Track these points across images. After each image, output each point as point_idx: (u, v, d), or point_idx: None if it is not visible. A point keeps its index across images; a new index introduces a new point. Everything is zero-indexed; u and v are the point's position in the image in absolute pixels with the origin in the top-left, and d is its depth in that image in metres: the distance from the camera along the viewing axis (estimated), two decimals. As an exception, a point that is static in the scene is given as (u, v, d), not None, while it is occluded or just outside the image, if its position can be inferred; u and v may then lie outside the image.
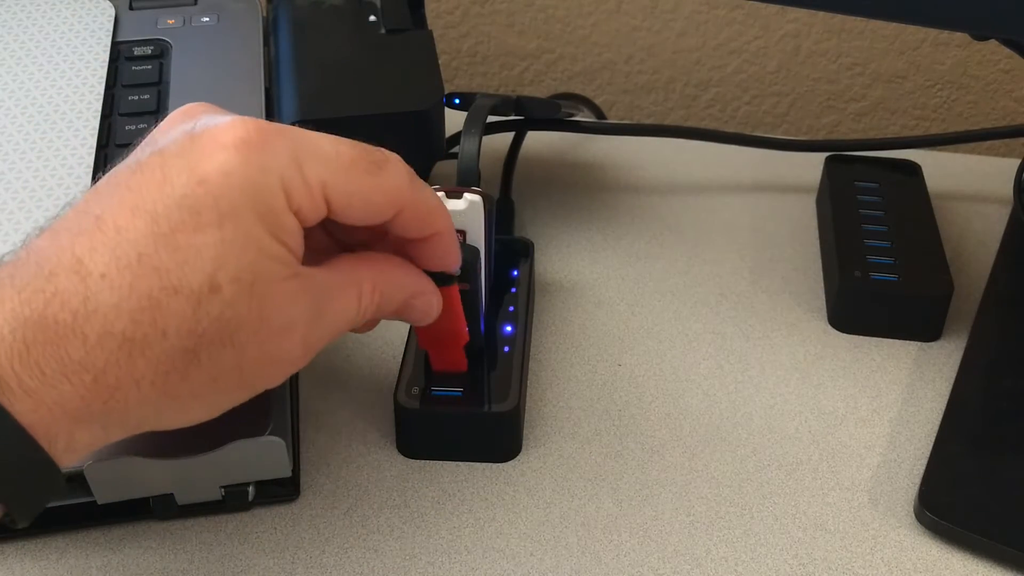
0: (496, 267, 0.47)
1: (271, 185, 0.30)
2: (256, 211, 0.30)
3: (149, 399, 0.30)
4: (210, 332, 0.29)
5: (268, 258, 0.30)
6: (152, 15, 0.55)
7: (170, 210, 0.29)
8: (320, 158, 0.31)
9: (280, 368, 0.32)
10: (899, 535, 0.40)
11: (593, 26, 0.78)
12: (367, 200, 0.33)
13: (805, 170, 0.59)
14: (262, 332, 0.31)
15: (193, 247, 0.29)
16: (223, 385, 0.31)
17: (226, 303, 0.29)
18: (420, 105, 0.49)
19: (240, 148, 0.30)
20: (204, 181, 0.29)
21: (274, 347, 0.31)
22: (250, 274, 0.30)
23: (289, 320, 0.31)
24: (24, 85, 0.49)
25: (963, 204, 0.57)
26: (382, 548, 0.39)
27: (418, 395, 0.42)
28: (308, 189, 0.31)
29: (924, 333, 0.49)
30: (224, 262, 0.29)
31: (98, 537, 0.39)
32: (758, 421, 0.45)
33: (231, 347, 0.30)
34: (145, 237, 0.29)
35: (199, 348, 0.30)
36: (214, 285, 0.29)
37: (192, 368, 0.30)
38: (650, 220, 0.56)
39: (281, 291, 0.31)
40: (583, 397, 0.45)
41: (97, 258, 0.29)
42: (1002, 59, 0.75)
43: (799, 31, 0.76)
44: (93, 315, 0.28)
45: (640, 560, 0.39)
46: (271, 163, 0.30)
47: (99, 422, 0.30)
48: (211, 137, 0.30)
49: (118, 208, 0.29)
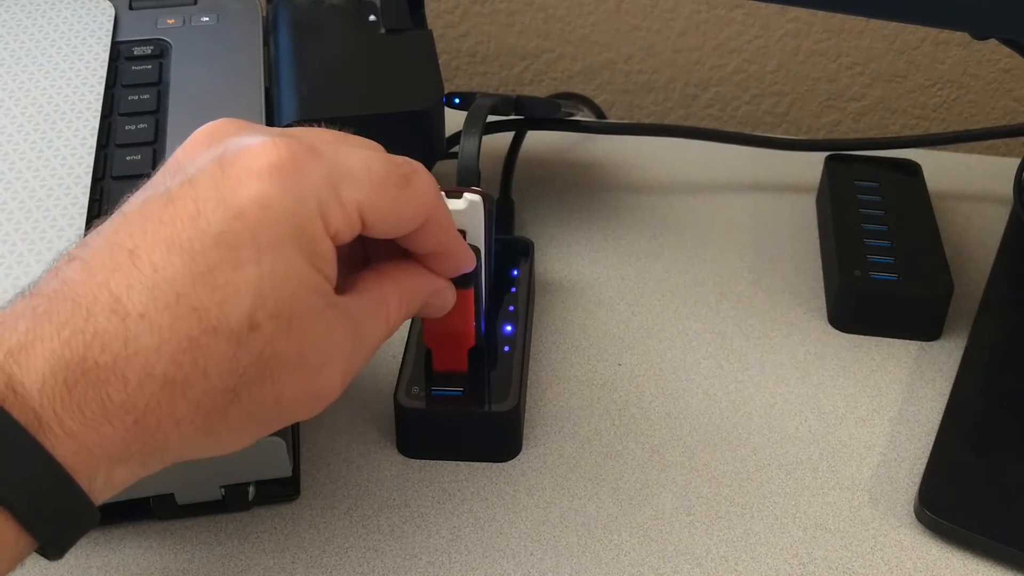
0: (496, 267, 0.47)
1: (309, 213, 0.30)
2: (295, 242, 0.29)
3: (188, 437, 0.29)
4: (251, 371, 0.29)
5: (306, 290, 0.30)
6: (152, 15, 0.55)
7: (207, 247, 0.29)
8: (353, 178, 0.31)
9: (318, 401, 0.32)
10: (899, 534, 0.40)
11: (593, 25, 0.78)
12: (399, 215, 0.32)
13: (805, 170, 0.59)
14: (300, 368, 0.30)
15: (232, 285, 0.28)
16: (261, 420, 0.31)
17: (266, 341, 0.29)
18: (420, 105, 0.49)
19: (275, 175, 0.29)
20: (241, 215, 0.29)
21: (312, 382, 0.31)
22: (288, 308, 0.29)
23: (327, 355, 0.31)
24: (24, 85, 0.49)
25: (963, 204, 0.57)
26: (382, 548, 0.39)
27: (418, 395, 0.42)
28: (344, 211, 0.31)
29: (924, 332, 0.49)
30: (263, 299, 0.29)
31: (98, 537, 0.39)
32: (758, 420, 0.45)
33: (271, 384, 0.30)
34: (183, 276, 0.28)
35: (239, 387, 0.29)
36: (254, 323, 0.29)
37: (232, 406, 0.29)
38: (650, 220, 0.56)
39: (319, 324, 0.30)
40: (583, 397, 0.45)
41: (135, 297, 0.28)
42: (1002, 58, 0.75)
43: (799, 30, 0.76)
44: (134, 357, 0.28)
45: (640, 560, 0.39)
46: (307, 189, 0.30)
47: (138, 459, 0.29)
48: (244, 165, 0.29)
49: (152, 243, 0.29)
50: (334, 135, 0.33)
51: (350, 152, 0.32)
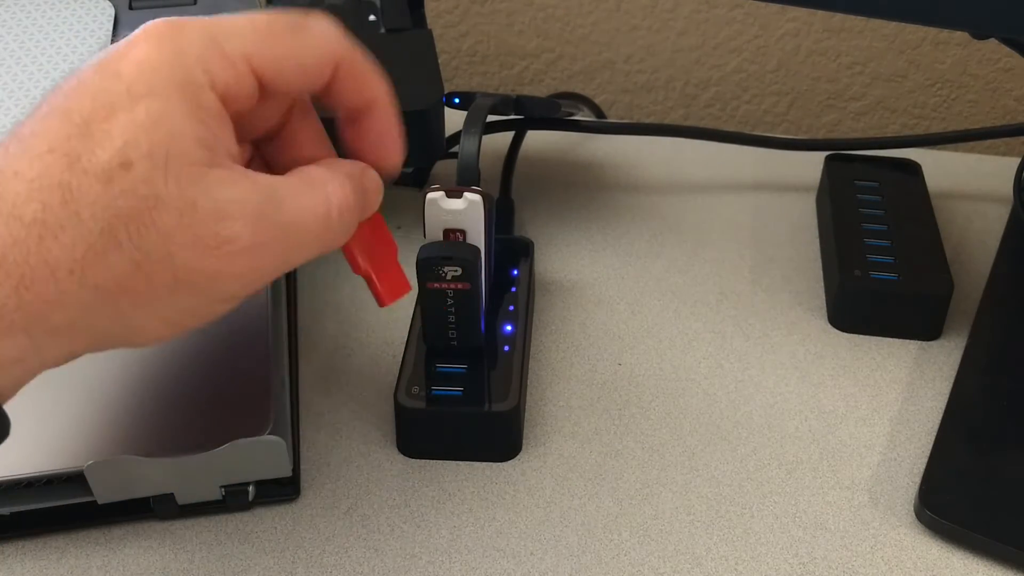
0: (496, 266, 0.47)
1: (188, 64, 0.29)
2: (173, 90, 0.29)
3: (72, 294, 0.28)
4: (125, 209, 0.28)
5: (186, 137, 0.29)
6: (152, 15, 0.54)
7: (83, 104, 0.29)
8: (235, 30, 0.31)
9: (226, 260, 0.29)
10: (899, 534, 0.40)
11: (593, 25, 0.78)
12: (298, 61, 0.32)
13: (805, 169, 0.59)
14: (187, 214, 0.28)
15: (104, 132, 0.28)
16: (157, 281, 0.29)
17: (139, 179, 0.28)
18: (420, 104, 0.49)
19: (152, 39, 0.29)
20: (118, 73, 0.29)
21: (208, 234, 0.29)
22: (164, 150, 0.28)
23: (222, 205, 0.29)
24: (24, 85, 0.49)
25: (963, 203, 0.57)
26: (382, 547, 0.39)
27: (418, 395, 0.42)
28: (231, 63, 0.30)
29: (924, 332, 0.49)
30: (135, 139, 0.28)
31: (98, 537, 0.39)
32: (758, 420, 0.45)
33: (153, 228, 0.28)
34: (58, 131, 0.28)
35: (116, 227, 0.28)
36: (125, 161, 0.28)
37: (112, 252, 0.28)
38: (650, 219, 0.56)
39: (209, 175, 0.29)
40: (583, 396, 0.45)
41: (10, 160, 0.28)
42: (1002, 58, 0.75)
43: (799, 30, 0.76)
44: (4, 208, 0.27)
45: (640, 559, 0.39)
46: (187, 46, 0.30)
47: (20, 326, 0.28)
48: (124, 41, 0.30)
49: (35, 119, 0.29)
50: None
51: (235, 15, 0.31)
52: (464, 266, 0.40)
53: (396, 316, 0.49)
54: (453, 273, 0.41)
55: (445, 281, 0.41)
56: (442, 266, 0.40)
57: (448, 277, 0.41)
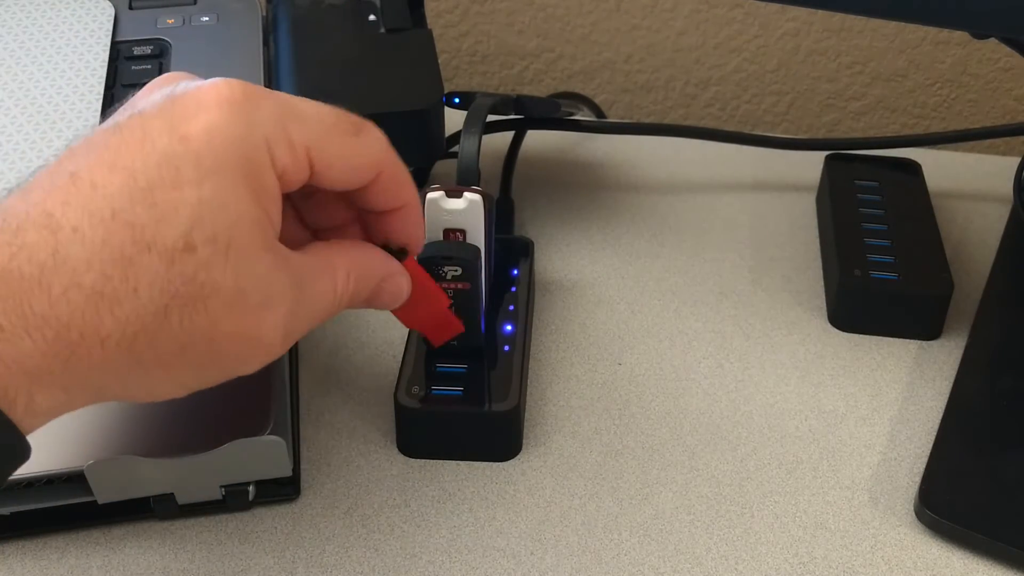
0: (496, 266, 0.47)
1: (256, 143, 0.29)
2: (239, 169, 0.29)
3: (113, 362, 0.29)
4: (183, 293, 0.28)
5: (247, 221, 0.29)
6: (152, 15, 0.55)
7: (149, 167, 0.28)
8: (303, 119, 0.31)
9: (256, 350, 0.31)
10: (899, 533, 0.40)
11: (593, 25, 0.78)
12: (348, 162, 0.32)
13: (805, 169, 0.59)
14: (238, 304, 0.29)
15: (170, 203, 0.28)
16: (192, 357, 0.30)
17: (200, 264, 0.28)
18: (420, 104, 0.49)
19: (224, 106, 0.29)
20: (186, 138, 0.29)
21: (251, 324, 0.30)
22: (227, 236, 0.29)
23: (267, 296, 0.30)
24: (24, 85, 0.49)
25: (963, 203, 0.57)
26: (383, 547, 0.39)
27: (418, 394, 0.42)
28: (292, 149, 0.30)
29: (924, 332, 0.49)
30: (201, 221, 0.28)
31: (98, 537, 0.39)
32: (758, 420, 0.45)
33: (204, 314, 0.29)
34: (121, 192, 0.28)
35: (170, 309, 0.28)
36: (189, 244, 0.28)
37: (162, 331, 0.29)
38: (650, 219, 0.56)
39: (259, 262, 0.30)
40: (583, 396, 0.45)
41: (69, 213, 0.28)
42: (1002, 57, 0.75)
43: (799, 30, 0.76)
44: (61, 267, 0.27)
45: (640, 559, 0.39)
46: (256, 122, 0.30)
47: (60, 384, 0.28)
48: (195, 97, 0.29)
49: (95, 165, 0.28)
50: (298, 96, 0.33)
51: (304, 100, 0.32)
52: (464, 266, 0.40)
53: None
54: (453, 273, 0.41)
55: (445, 281, 0.41)
56: (442, 266, 0.40)
57: (448, 277, 0.41)
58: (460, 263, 0.40)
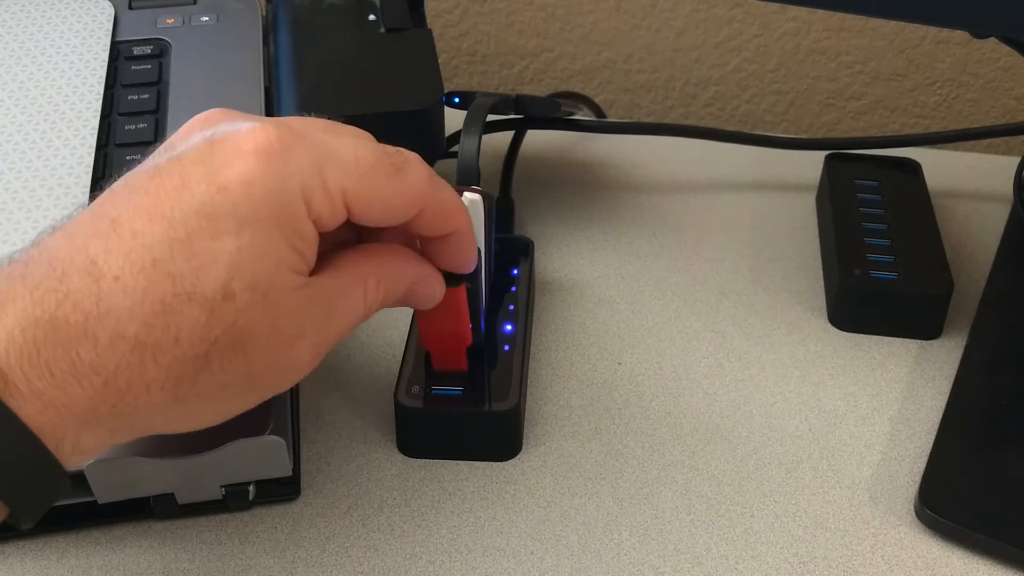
0: (496, 266, 0.47)
1: (292, 194, 0.30)
2: (275, 220, 0.30)
3: (158, 403, 0.30)
4: (223, 339, 0.29)
5: (284, 268, 0.30)
6: (151, 14, 0.55)
7: (188, 216, 0.29)
8: (340, 165, 0.31)
9: (290, 374, 0.32)
10: (899, 533, 0.40)
11: (592, 25, 0.78)
12: (387, 204, 0.33)
13: (805, 168, 0.59)
14: (273, 340, 0.31)
15: (209, 254, 0.29)
16: (233, 391, 0.31)
17: (240, 311, 0.29)
18: (419, 104, 0.49)
19: (261, 156, 0.30)
20: (224, 188, 0.29)
21: (284, 355, 0.31)
22: (265, 283, 0.30)
23: (300, 329, 0.31)
24: (24, 85, 0.49)
25: (963, 202, 0.57)
26: (383, 547, 0.39)
27: (418, 394, 0.42)
28: (328, 197, 0.31)
29: (924, 331, 0.49)
30: (240, 270, 0.29)
31: (99, 537, 0.39)
32: (758, 419, 0.45)
33: (243, 354, 0.30)
34: (161, 242, 0.29)
35: (211, 355, 0.29)
36: (228, 293, 0.29)
37: (203, 374, 0.30)
38: (650, 218, 0.56)
39: (293, 300, 0.31)
40: (583, 396, 0.45)
41: (112, 260, 0.29)
42: (1002, 57, 0.75)
43: (799, 29, 0.76)
44: (105, 317, 0.28)
45: (640, 558, 0.39)
46: (292, 171, 0.30)
47: (106, 425, 0.29)
48: (232, 144, 0.30)
49: (135, 212, 0.29)
50: (325, 123, 0.34)
51: (340, 140, 0.32)
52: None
53: (396, 316, 0.49)
54: (453, 272, 0.41)
55: (445, 280, 0.41)
56: (442, 265, 0.40)
57: (448, 276, 0.41)
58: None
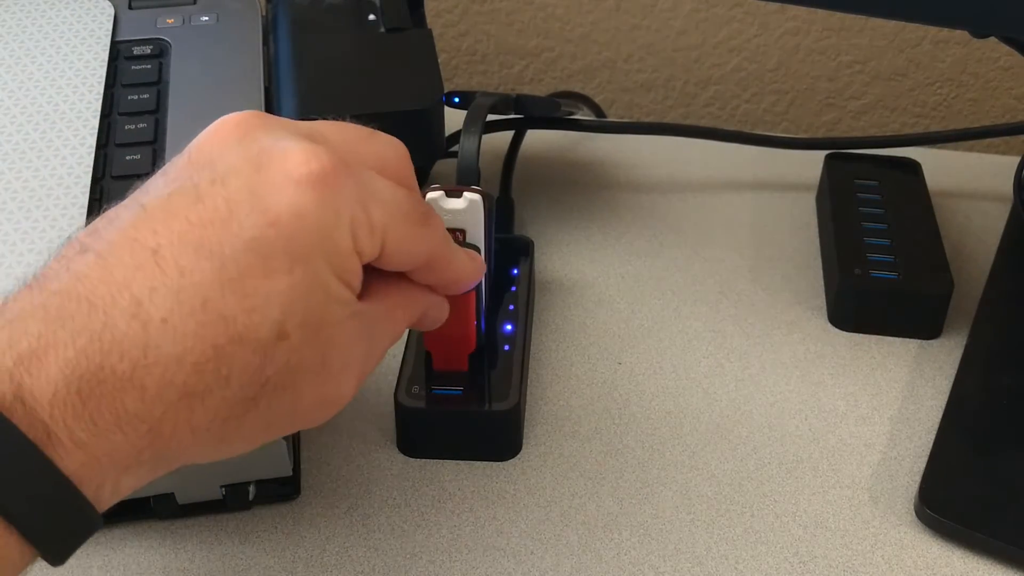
0: (496, 265, 0.47)
1: (342, 228, 0.29)
2: (326, 254, 0.29)
3: (201, 444, 0.29)
4: (274, 380, 0.29)
5: (334, 302, 0.29)
6: (151, 14, 0.55)
7: (238, 253, 0.27)
8: (384, 204, 0.31)
9: (332, 408, 0.31)
10: (899, 532, 0.40)
11: (592, 24, 0.78)
12: (413, 248, 0.32)
13: (805, 168, 0.59)
14: (322, 376, 0.30)
15: (261, 294, 0.28)
16: (275, 428, 0.30)
17: (293, 349, 0.28)
18: (419, 104, 0.49)
19: (314, 186, 0.29)
20: (276, 223, 0.28)
21: (332, 389, 0.31)
22: (317, 319, 0.29)
23: (347, 361, 0.31)
24: (24, 85, 0.49)
25: (963, 202, 0.57)
26: (383, 547, 0.39)
27: (419, 394, 0.42)
28: (371, 232, 0.30)
29: (924, 331, 0.49)
30: (292, 308, 0.28)
31: (99, 537, 0.39)
32: (758, 419, 0.45)
33: (292, 392, 0.29)
34: (211, 281, 0.27)
35: (260, 396, 0.29)
36: (282, 333, 0.28)
37: (250, 414, 0.29)
38: (650, 218, 0.56)
39: (343, 333, 0.30)
40: (583, 395, 0.45)
41: (159, 301, 0.27)
42: (1002, 56, 0.75)
43: (799, 29, 0.76)
44: (154, 366, 0.27)
45: (641, 558, 0.39)
46: (343, 205, 0.29)
47: (148, 466, 0.28)
48: (281, 170, 0.29)
49: (179, 245, 0.27)
50: (360, 131, 0.33)
51: (377, 178, 0.32)
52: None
53: (396, 315, 0.49)
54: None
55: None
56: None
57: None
58: (460, 262, 0.40)
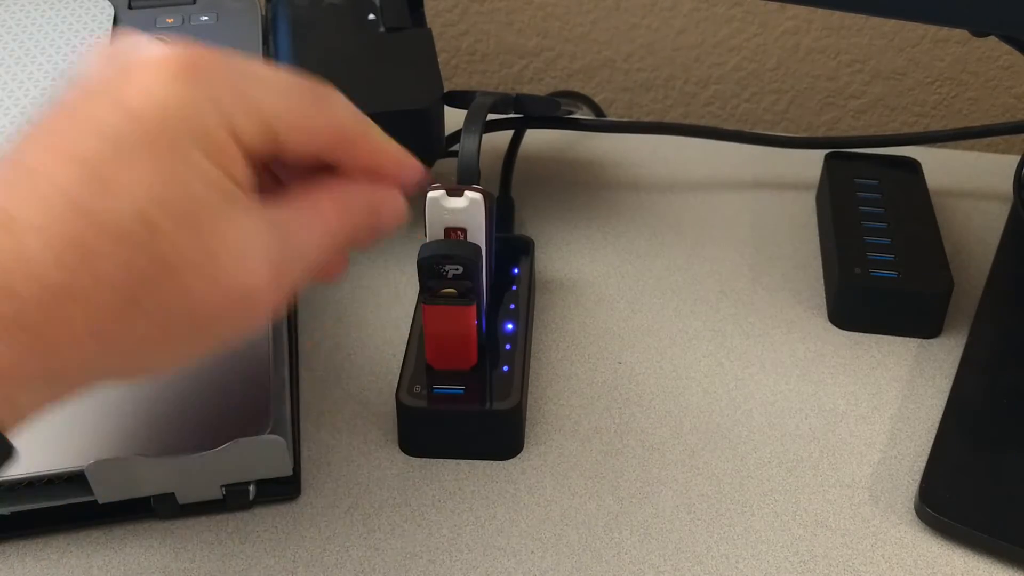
0: (496, 265, 0.47)
1: (209, 112, 0.28)
2: (194, 140, 0.28)
3: (93, 353, 0.28)
4: (150, 274, 0.27)
5: (209, 188, 0.28)
6: (151, 14, 0.55)
7: (103, 152, 0.27)
8: (262, 84, 0.30)
9: (244, 307, 0.30)
10: (900, 532, 0.40)
11: (592, 24, 0.78)
12: (311, 124, 0.31)
13: (805, 167, 0.59)
14: (210, 270, 0.28)
15: (123, 183, 0.27)
16: (177, 331, 0.29)
17: (166, 240, 0.27)
18: (419, 103, 0.49)
19: (178, 78, 0.28)
20: (139, 118, 0.28)
21: (230, 281, 0.29)
22: (190, 208, 0.28)
23: (241, 253, 0.29)
24: (23, 85, 0.49)
25: (963, 201, 0.57)
26: (383, 546, 0.39)
27: (420, 393, 0.42)
28: (252, 115, 0.30)
29: (924, 330, 0.49)
30: (158, 197, 0.27)
31: (99, 537, 0.39)
32: (758, 418, 0.45)
33: (177, 290, 0.28)
34: (76, 181, 0.27)
35: (140, 295, 0.28)
36: (148, 222, 0.27)
37: (137, 318, 0.28)
38: (650, 218, 0.56)
39: (230, 224, 0.29)
40: (584, 395, 0.45)
41: (28, 211, 0.27)
42: (1001, 55, 0.75)
43: (798, 28, 0.76)
44: (24, 269, 0.26)
45: (641, 557, 0.39)
46: (212, 93, 0.29)
47: (41, 380, 0.28)
48: (141, 66, 0.28)
49: (44, 153, 0.28)
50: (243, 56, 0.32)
51: (259, 64, 0.31)
52: (465, 264, 0.40)
53: (396, 315, 0.49)
54: (454, 271, 0.41)
55: (446, 279, 0.41)
56: (443, 264, 0.40)
57: (449, 276, 0.41)
58: (461, 262, 0.40)
